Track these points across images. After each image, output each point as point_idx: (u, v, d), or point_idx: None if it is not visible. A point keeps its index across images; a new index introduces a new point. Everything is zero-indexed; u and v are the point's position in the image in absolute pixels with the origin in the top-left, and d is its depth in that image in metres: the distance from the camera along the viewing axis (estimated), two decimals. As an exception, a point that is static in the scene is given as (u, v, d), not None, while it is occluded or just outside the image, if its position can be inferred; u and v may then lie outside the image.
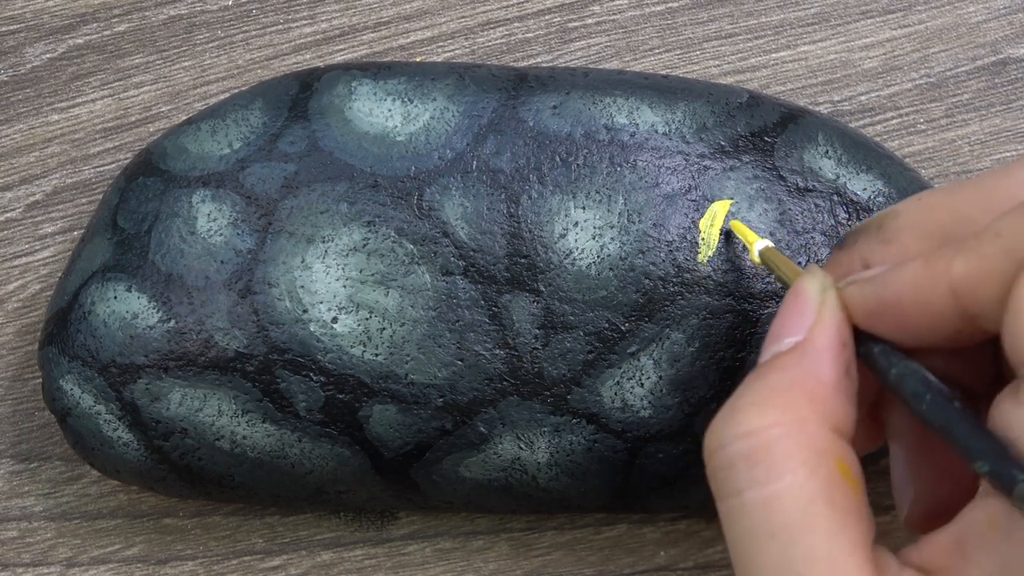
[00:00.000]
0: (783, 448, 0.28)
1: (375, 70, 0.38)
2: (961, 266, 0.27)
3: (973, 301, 0.27)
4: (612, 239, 0.35)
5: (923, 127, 0.42)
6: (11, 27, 0.44)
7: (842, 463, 0.28)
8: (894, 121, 0.42)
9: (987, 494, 0.27)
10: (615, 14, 0.43)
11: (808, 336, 0.29)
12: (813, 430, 0.28)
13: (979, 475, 0.26)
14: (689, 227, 0.35)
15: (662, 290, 0.35)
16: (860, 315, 0.29)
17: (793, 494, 0.27)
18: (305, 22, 0.43)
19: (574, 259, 0.35)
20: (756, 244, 0.34)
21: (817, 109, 0.41)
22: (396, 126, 0.37)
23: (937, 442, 0.30)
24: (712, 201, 0.36)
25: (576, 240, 0.35)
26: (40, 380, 0.40)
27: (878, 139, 0.41)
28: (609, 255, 0.35)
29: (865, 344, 0.29)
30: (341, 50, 0.43)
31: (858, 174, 0.36)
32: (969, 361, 0.29)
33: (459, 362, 0.35)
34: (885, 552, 0.28)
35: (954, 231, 0.29)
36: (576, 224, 0.35)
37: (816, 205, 0.36)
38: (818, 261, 0.35)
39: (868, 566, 0.27)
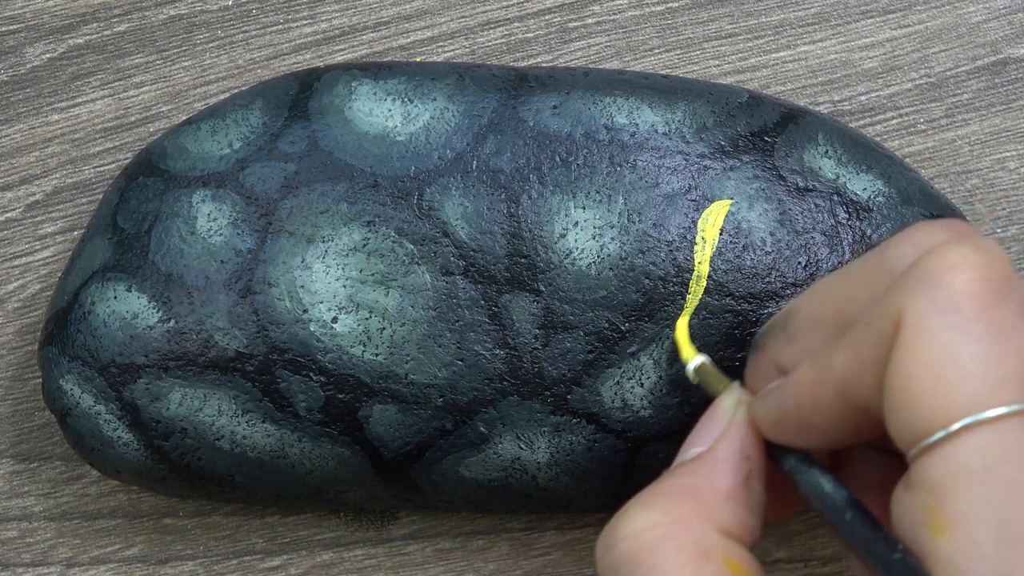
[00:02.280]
0: (665, 549, 0.28)
1: (375, 70, 0.38)
2: (840, 361, 0.27)
3: (856, 395, 0.27)
4: (612, 239, 0.35)
5: (923, 127, 0.42)
6: (11, 27, 0.44)
7: (731, 561, 0.28)
8: (894, 121, 0.42)
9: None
10: (615, 14, 0.43)
11: (710, 448, 0.30)
12: (698, 531, 0.28)
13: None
14: (689, 227, 0.35)
15: (662, 290, 0.35)
16: (767, 428, 0.30)
17: None
18: (305, 22, 0.43)
19: (574, 259, 0.35)
20: (691, 362, 0.34)
21: (817, 109, 0.41)
22: (396, 126, 0.37)
23: None
24: (712, 201, 0.36)
25: (576, 240, 0.35)
26: (40, 380, 0.40)
27: (878, 139, 0.41)
28: (609, 255, 0.35)
29: (780, 458, 0.30)
30: (341, 50, 0.43)
31: (858, 174, 0.36)
32: None
33: (459, 362, 0.35)
34: None
35: (846, 319, 0.29)
36: (576, 224, 0.35)
37: (816, 205, 0.36)
38: (817, 262, 0.35)
39: None
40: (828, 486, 0.28)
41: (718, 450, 0.30)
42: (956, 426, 0.25)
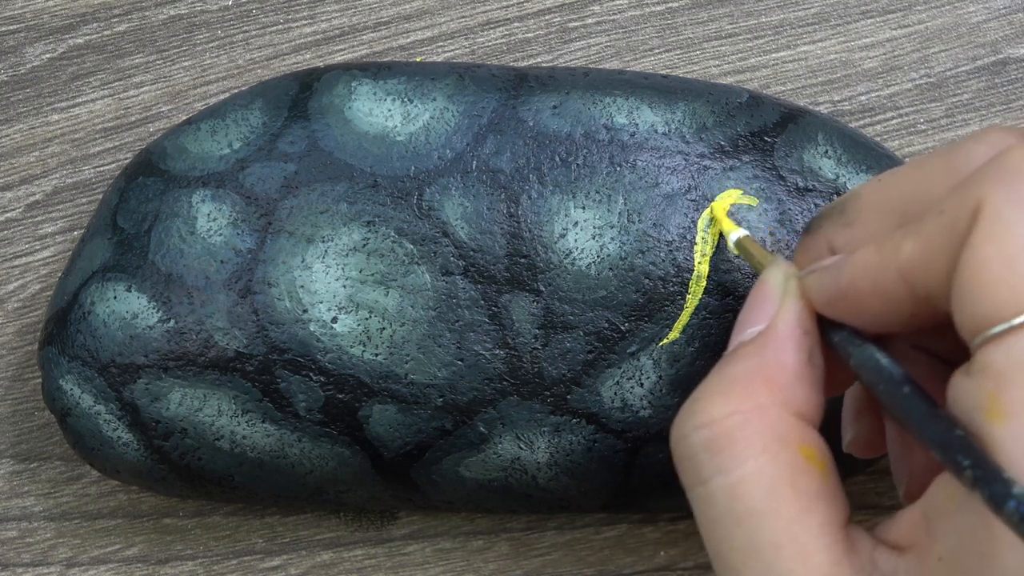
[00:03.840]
0: (743, 435, 0.28)
1: (375, 70, 0.38)
2: (908, 248, 0.27)
3: (922, 283, 0.27)
4: (612, 239, 0.35)
5: (923, 127, 0.42)
6: (11, 27, 0.44)
7: (805, 447, 0.28)
8: (894, 121, 0.42)
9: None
10: (615, 14, 0.43)
11: (770, 325, 0.30)
12: (774, 416, 0.28)
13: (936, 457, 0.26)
14: (689, 227, 0.35)
15: (662, 290, 0.35)
16: (821, 303, 0.30)
17: (755, 480, 0.27)
18: (305, 22, 0.43)
19: (574, 259, 0.35)
20: (732, 234, 0.34)
21: (817, 109, 0.41)
22: (396, 126, 0.37)
23: None
24: (712, 201, 0.36)
25: (576, 240, 0.35)
26: (40, 380, 0.40)
27: (878, 139, 0.41)
28: (609, 255, 0.35)
29: (830, 332, 0.30)
30: (341, 50, 0.43)
31: (858, 174, 0.36)
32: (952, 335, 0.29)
33: (459, 362, 0.35)
34: (859, 531, 0.28)
35: (913, 209, 0.29)
36: (576, 224, 0.35)
37: (816, 205, 0.36)
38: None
39: (837, 546, 0.27)
40: (884, 360, 0.28)
41: (778, 327, 0.29)
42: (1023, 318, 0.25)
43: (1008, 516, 0.24)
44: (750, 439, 0.28)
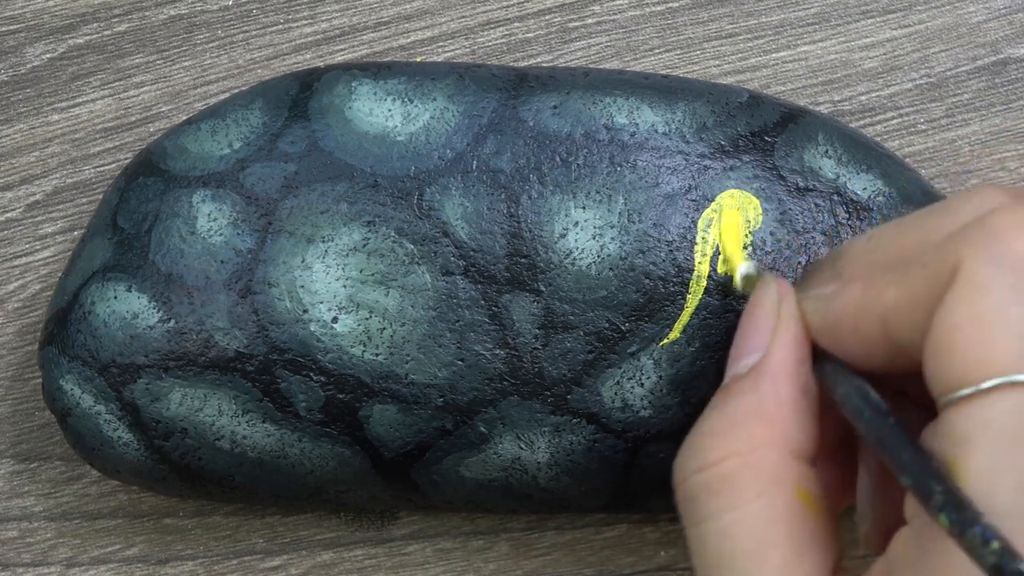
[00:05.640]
0: (740, 479, 0.28)
1: (375, 70, 0.38)
2: (890, 294, 0.27)
3: (898, 331, 0.27)
4: (612, 239, 0.35)
5: (923, 127, 0.42)
6: (11, 27, 0.44)
7: (801, 489, 0.28)
8: (894, 121, 0.42)
9: (909, 521, 0.27)
10: (615, 14, 0.43)
11: (764, 356, 0.30)
12: (770, 458, 0.28)
13: (906, 488, 0.26)
14: (689, 227, 0.35)
15: (662, 290, 0.35)
16: (814, 331, 0.30)
17: (748, 523, 0.28)
18: (305, 22, 0.43)
19: (574, 259, 0.35)
20: (741, 267, 0.33)
21: (817, 109, 0.41)
22: (396, 126, 0.37)
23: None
24: (711, 200, 0.36)
25: (576, 240, 0.35)
26: (40, 380, 0.40)
27: (878, 139, 0.41)
28: (609, 255, 0.35)
29: (819, 361, 0.30)
30: (341, 50, 0.43)
31: (858, 174, 0.36)
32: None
33: (459, 362, 0.35)
34: None
35: (890, 265, 0.29)
36: (576, 224, 0.35)
37: (816, 205, 0.36)
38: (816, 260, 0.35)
39: None
40: (870, 392, 0.28)
41: (773, 359, 0.29)
42: (990, 383, 0.25)
43: (968, 541, 0.23)
44: (747, 483, 0.28)
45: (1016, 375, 0.25)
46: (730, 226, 0.35)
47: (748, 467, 0.28)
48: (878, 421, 0.27)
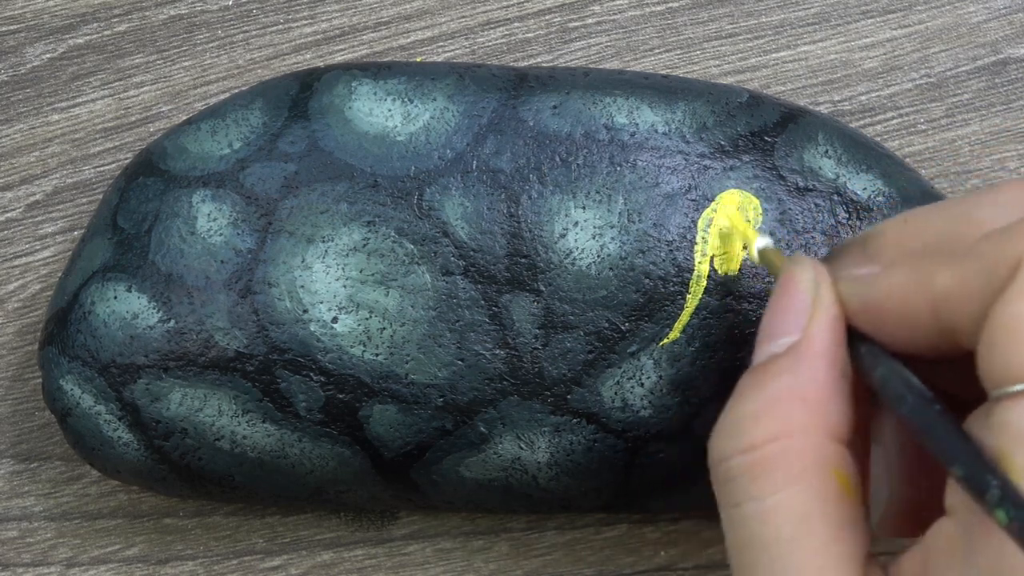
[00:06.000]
0: (780, 462, 0.28)
1: (375, 70, 0.38)
2: (943, 280, 0.27)
3: (951, 317, 0.27)
4: (612, 239, 0.35)
5: (923, 127, 0.42)
6: (11, 27, 0.44)
7: (839, 473, 0.28)
8: (894, 121, 0.42)
9: (952, 512, 0.27)
10: (615, 14, 0.43)
11: (804, 337, 0.29)
12: (810, 442, 0.28)
13: (955, 480, 0.26)
14: (689, 227, 0.35)
15: (662, 290, 0.35)
16: (851, 313, 0.29)
17: (788, 508, 0.28)
18: (305, 22, 0.43)
19: (574, 259, 0.35)
20: (757, 241, 0.33)
21: (817, 109, 0.41)
22: (396, 126, 0.37)
23: (916, 447, 0.30)
24: (711, 200, 0.36)
25: (576, 240, 0.35)
26: (40, 380, 0.40)
27: (878, 139, 0.41)
28: (609, 255, 0.35)
29: (856, 344, 0.29)
30: (341, 50, 0.43)
31: (858, 174, 0.36)
32: (957, 370, 0.29)
33: (459, 362, 0.35)
34: (876, 567, 0.28)
35: (934, 251, 0.29)
36: (576, 224, 0.35)
37: (816, 205, 0.36)
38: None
39: None
40: (912, 377, 0.28)
41: (814, 340, 0.29)
42: None
43: None
44: (788, 467, 0.28)
45: None
46: (731, 214, 0.35)
47: (790, 451, 0.28)
48: (923, 407, 0.27)
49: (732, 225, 0.35)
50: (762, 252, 0.33)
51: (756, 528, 0.28)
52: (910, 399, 0.27)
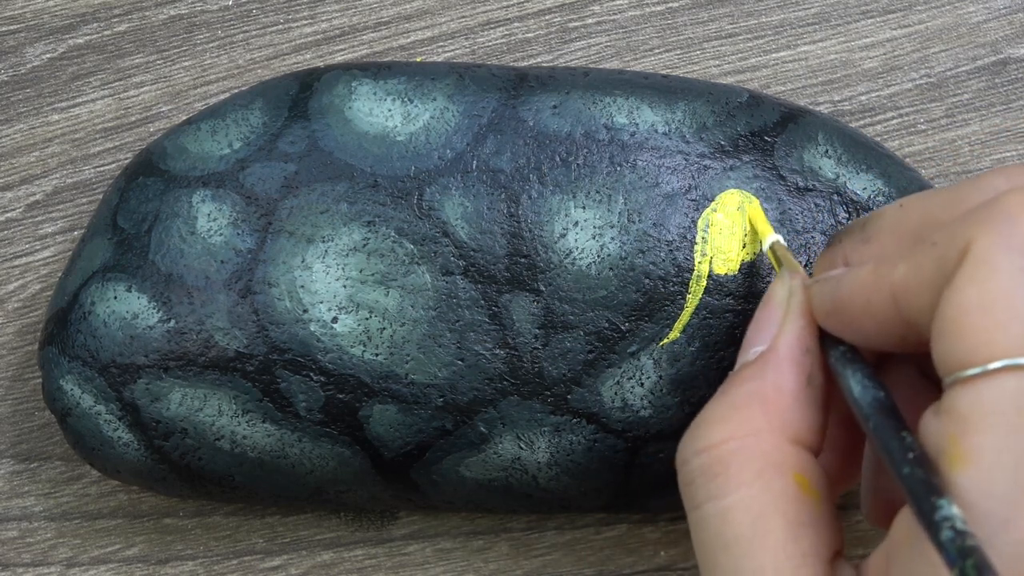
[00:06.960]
0: (738, 462, 0.28)
1: (375, 70, 0.38)
2: (901, 273, 0.27)
3: (909, 308, 0.27)
4: (612, 239, 0.35)
5: (923, 127, 0.42)
6: (11, 27, 0.44)
7: (800, 475, 0.28)
8: (894, 121, 0.42)
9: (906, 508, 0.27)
10: (615, 14, 0.43)
11: (771, 346, 0.30)
12: (769, 443, 0.28)
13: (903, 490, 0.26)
14: (689, 227, 0.35)
15: (662, 290, 0.35)
16: (821, 315, 0.30)
17: (745, 507, 0.28)
18: (305, 22, 0.43)
19: (574, 259, 0.35)
20: (768, 238, 0.34)
21: (817, 109, 0.41)
22: (396, 126, 0.37)
23: None
24: (711, 200, 0.36)
25: (576, 240, 0.35)
26: (40, 380, 0.40)
27: (878, 139, 0.41)
28: (609, 255, 0.35)
29: (829, 349, 0.30)
30: (341, 50, 0.43)
31: (858, 174, 0.36)
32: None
33: (459, 362, 0.35)
34: (846, 567, 0.28)
35: (924, 236, 0.29)
36: (576, 224, 0.35)
37: (816, 204, 0.36)
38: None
39: None
40: (869, 384, 0.28)
41: (779, 348, 0.30)
42: (995, 365, 0.25)
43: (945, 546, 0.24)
44: (744, 465, 0.28)
45: (1020, 358, 0.25)
46: (750, 208, 0.35)
47: (745, 450, 0.28)
48: (877, 416, 0.28)
49: (750, 219, 0.35)
50: (772, 248, 0.33)
51: (717, 528, 0.28)
52: (864, 407, 0.28)
